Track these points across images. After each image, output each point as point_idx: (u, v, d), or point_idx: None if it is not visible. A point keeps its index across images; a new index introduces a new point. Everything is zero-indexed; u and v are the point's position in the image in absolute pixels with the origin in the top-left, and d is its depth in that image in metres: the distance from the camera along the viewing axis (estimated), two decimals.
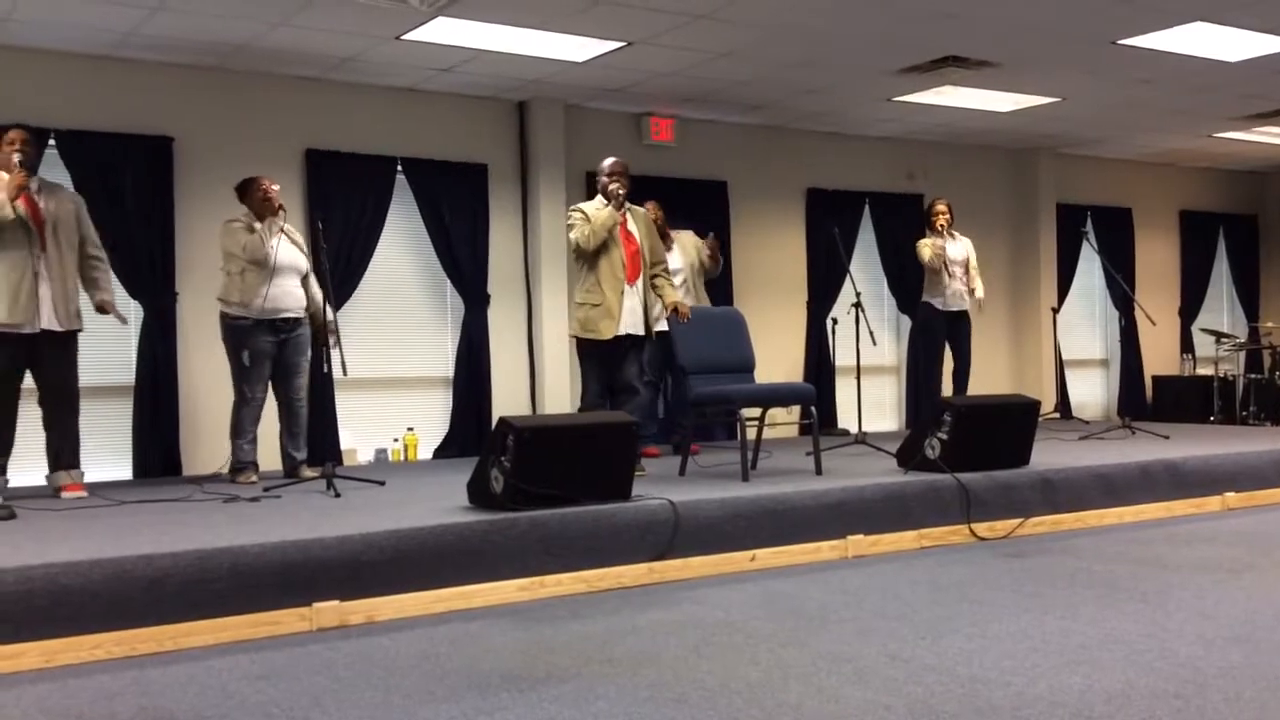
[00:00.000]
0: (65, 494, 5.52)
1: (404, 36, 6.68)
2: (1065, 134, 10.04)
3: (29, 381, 5.53)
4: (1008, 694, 2.90)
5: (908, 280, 9.73)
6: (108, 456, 6.87)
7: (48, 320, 5.41)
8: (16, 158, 5.32)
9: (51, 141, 6.71)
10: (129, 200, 6.92)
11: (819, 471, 5.79)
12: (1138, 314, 11.05)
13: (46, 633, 3.47)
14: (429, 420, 8.00)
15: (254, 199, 6.08)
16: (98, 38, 6.57)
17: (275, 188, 6.12)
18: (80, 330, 5.62)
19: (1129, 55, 7.47)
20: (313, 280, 6.26)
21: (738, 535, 4.81)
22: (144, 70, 7.04)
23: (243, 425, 6.10)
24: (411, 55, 7.07)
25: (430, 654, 3.47)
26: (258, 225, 6.03)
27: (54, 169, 6.67)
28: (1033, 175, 10.69)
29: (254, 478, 6.10)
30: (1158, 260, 11.64)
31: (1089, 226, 10.87)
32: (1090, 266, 11.12)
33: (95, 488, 5.89)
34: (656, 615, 3.94)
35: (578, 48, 6.98)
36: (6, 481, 5.60)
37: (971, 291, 8.27)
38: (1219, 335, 10.51)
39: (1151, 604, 3.92)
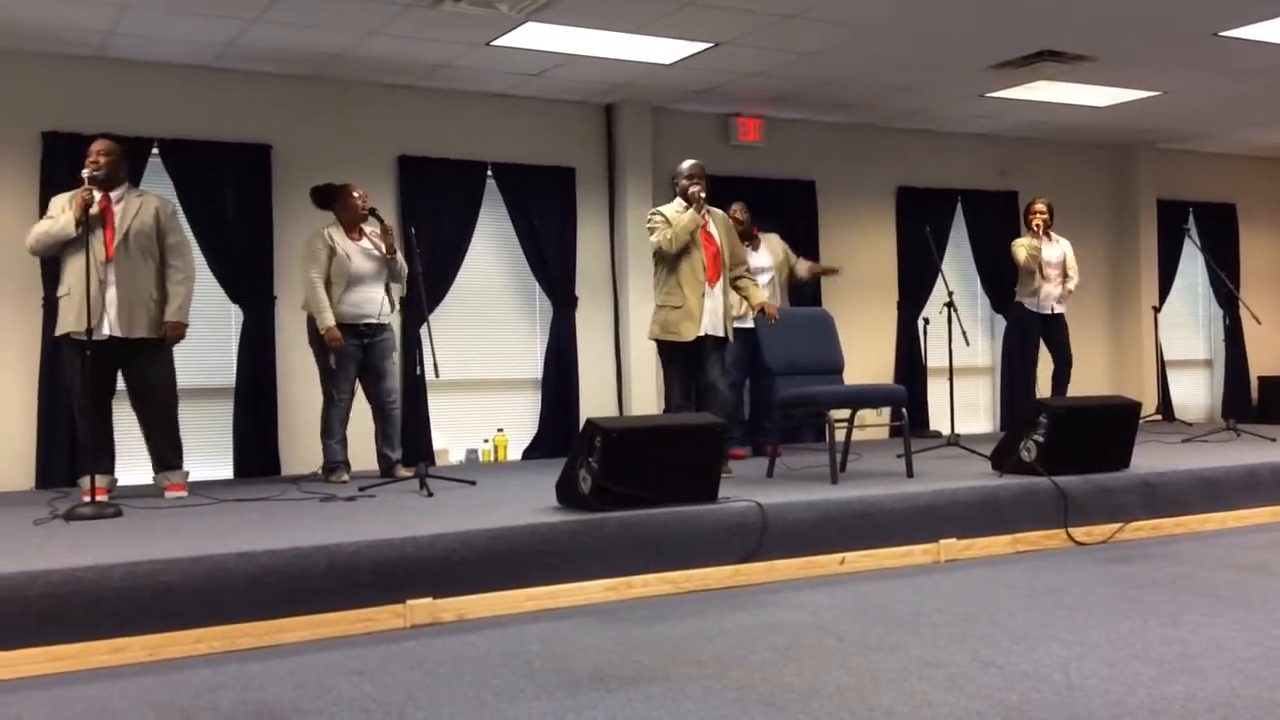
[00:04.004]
0: (168, 494, 5.69)
1: (494, 43, 6.76)
2: (1165, 129, 9.77)
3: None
4: (1106, 702, 2.83)
5: (1001, 279, 9.55)
6: (210, 456, 7.07)
7: (110, 327, 5.43)
8: (85, 172, 5.36)
9: (155, 150, 6.93)
10: (229, 207, 7.12)
11: (910, 474, 5.72)
12: (1243, 312, 10.70)
13: (151, 627, 3.58)
14: (518, 421, 8.08)
15: (346, 207, 6.21)
16: (198, 50, 6.76)
17: (363, 194, 6.25)
18: (159, 337, 5.58)
19: (1232, 47, 7.24)
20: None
21: (826, 538, 4.77)
22: (242, 80, 7.23)
23: (331, 426, 6.24)
24: (501, 61, 7.15)
25: (520, 652, 3.51)
26: (337, 236, 6.15)
27: (158, 177, 6.90)
28: (1132, 171, 10.43)
29: (345, 476, 6.23)
30: (1264, 257, 11.26)
31: (1191, 223, 10.56)
32: (1193, 264, 10.80)
33: (196, 487, 6.06)
34: (744, 618, 3.93)
35: (665, 50, 6.99)
36: (115, 480, 5.79)
37: (1068, 288, 8.15)
38: None
39: (1257, 611, 3.79)
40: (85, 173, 5.37)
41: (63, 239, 5.39)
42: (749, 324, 7.02)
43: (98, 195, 5.43)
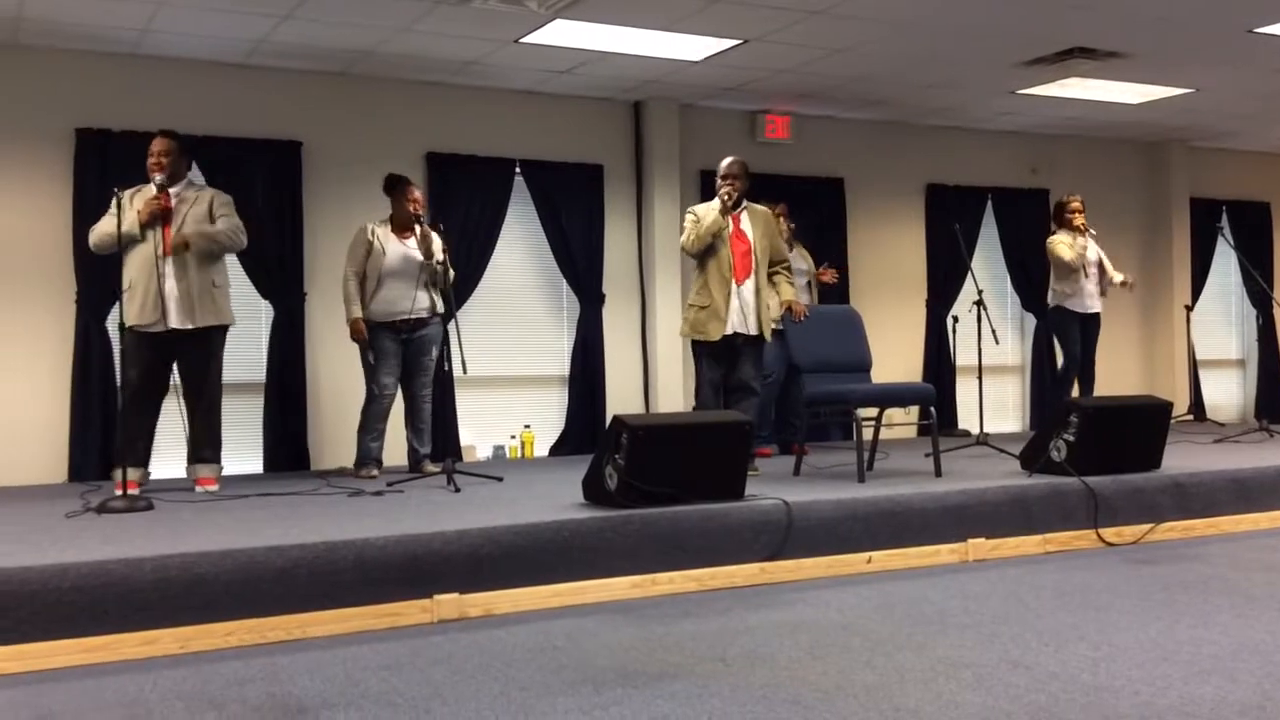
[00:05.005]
0: (199, 487, 5.73)
1: (523, 40, 6.77)
2: (1198, 126, 9.67)
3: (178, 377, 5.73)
4: (1135, 704, 2.81)
5: (1032, 277, 9.50)
6: (240, 451, 7.11)
7: (174, 320, 5.51)
8: (157, 177, 5.48)
9: None
10: (260, 203, 7.16)
11: (938, 473, 5.69)
12: (1276, 312, 10.58)
13: (181, 620, 3.61)
14: (545, 418, 8.10)
15: (401, 205, 6.24)
16: (230, 47, 6.81)
17: (419, 198, 6.28)
18: (218, 326, 5.65)
19: (1266, 44, 7.16)
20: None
21: (853, 537, 4.76)
22: (273, 77, 7.28)
23: (369, 421, 6.27)
24: (530, 58, 7.16)
25: (546, 647, 3.52)
26: (380, 232, 6.18)
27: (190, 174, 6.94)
28: (1164, 169, 10.33)
29: (375, 472, 6.26)
30: None
31: (1224, 221, 10.45)
32: (1226, 263, 10.69)
33: (227, 481, 6.09)
34: (770, 616, 3.93)
35: (694, 47, 6.98)
36: (148, 474, 5.84)
37: (1113, 282, 7.98)
38: None
39: None
40: (157, 179, 5.48)
41: (126, 240, 5.45)
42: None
43: (176, 187, 5.56)
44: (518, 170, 7.94)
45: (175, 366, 5.69)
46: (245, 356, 7.21)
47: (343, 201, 7.35)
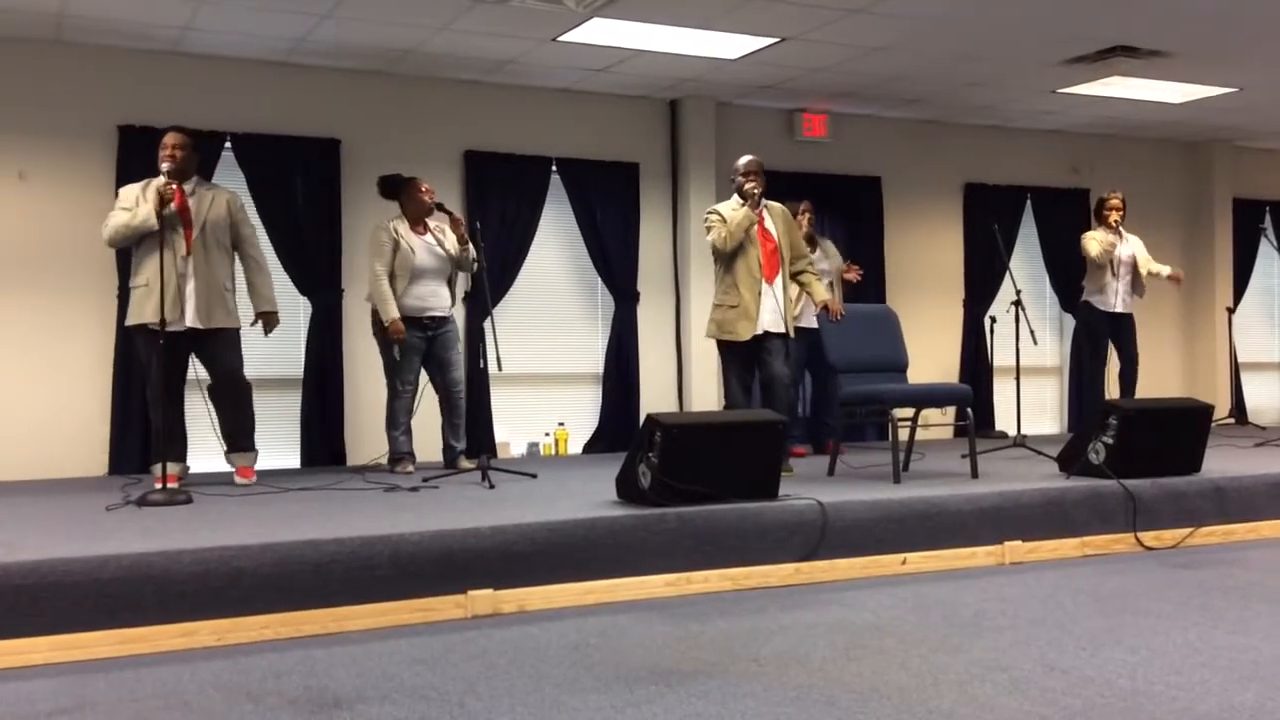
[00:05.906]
0: (238, 478, 5.77)
1: (560, 38, 6.78)
2: (1242, 126, 9.55)
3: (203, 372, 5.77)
4: (1173, 709, 2.78)
5: (1071, 277, 9.40)
6: (277, 446, 7.17)
7: (191, 319, 5.49)
8: (165, 166, 5.41)
9: (228, 144, 7.05)
10: (299, 200, 7.23)
11: (975, 475, 5.65)
12: None
13: (219, 612, 3.65)
14: (579, 415, 8.11)
15: (412, 200, 6.25)
16: (270, 45, 6.87)
17: (430, 189, 6.29)
18: (234, 327, 5.67)
19: None
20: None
21: (888, 538, 4.74)
22: (313, 76, 7.33)
23: (396, 417, 6.30)
24: (567, 57, 7.18)
25: (579, 644, 3.52)
26: (402, 229, 6.20)
27: (230, 171, 7.02)
28: (1206, 169, 10.20)
29: (410, 467, 6.30)
30: None
31: (1268, 223, 10.31)
32: (1269, 264, 10.54)
33: (264, 475, 6.14)
34: (804, 616, 3.91)
35: (731, 45, 6.97)
36: (187, 468, 5.90)
37: (1158, 276, 7.93)
38: None
39: None
40: (164, 167, 5.43)
41: (143, 231, 5.46)
42: (808, 323, 6.97)
43: (189, 185, 5.57)
44: (554, 168, 7.96)
45: (196, 363, 5.70)
46: (283, 352, 7.27)
47: (381, 199, 7.37)
